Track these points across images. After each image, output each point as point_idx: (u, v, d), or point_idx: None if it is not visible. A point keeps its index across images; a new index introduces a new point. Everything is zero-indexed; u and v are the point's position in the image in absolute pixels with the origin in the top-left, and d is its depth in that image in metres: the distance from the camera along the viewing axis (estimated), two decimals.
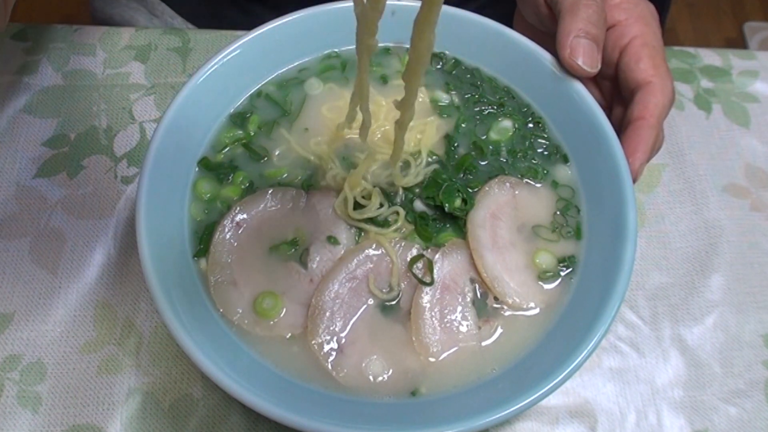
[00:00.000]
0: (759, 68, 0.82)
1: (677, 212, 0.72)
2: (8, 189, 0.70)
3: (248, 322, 0.52)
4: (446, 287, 0.54)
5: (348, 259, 0.54)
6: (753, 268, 0.70)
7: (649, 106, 0.56)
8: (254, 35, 0.60)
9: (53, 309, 0.64)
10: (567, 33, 0.56)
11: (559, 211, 0.58)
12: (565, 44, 0.56)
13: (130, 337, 0.63)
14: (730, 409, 0.62)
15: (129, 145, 0.73)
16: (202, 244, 0.55)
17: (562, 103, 0.60)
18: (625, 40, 0.59)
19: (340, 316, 0.52)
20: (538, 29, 0.65)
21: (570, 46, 0.56)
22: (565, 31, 0.56)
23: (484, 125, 0.62)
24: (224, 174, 0.58)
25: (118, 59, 0.78)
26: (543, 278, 0.55)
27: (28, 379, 0.61)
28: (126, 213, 0.69)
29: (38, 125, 0.74)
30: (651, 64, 0.57)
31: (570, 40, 0.56)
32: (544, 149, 0.61)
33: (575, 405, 0.62)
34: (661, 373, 0.64)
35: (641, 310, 0.67)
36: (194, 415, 0.60)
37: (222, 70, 0.58)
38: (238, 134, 0.61)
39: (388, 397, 0.50)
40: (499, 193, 0.58)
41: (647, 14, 0.60)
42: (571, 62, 0.56)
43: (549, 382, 0.46)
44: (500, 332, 0.53)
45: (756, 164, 0.76)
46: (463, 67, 0.65)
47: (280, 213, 0.57)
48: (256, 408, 0.45)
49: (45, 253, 0.67)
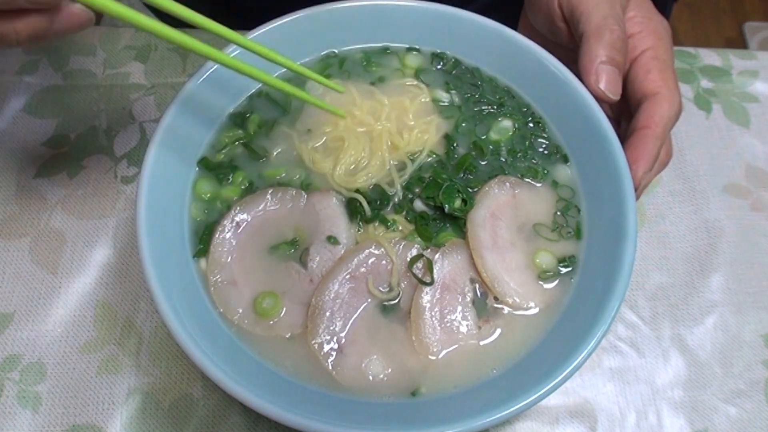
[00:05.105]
0: (759, 68, 0.82)
1: (677, 212, 0.72)
2: (8, 189, 0.70)
3: (248, 322, 0.52)
4: (446, 287, 0.54)
5: (348, 259, 0.54)
6: (753, 268, 0.70)
7: (654, 116, 0.56)
8: (254, 35, 0.60)
9: (53, 309, 0.64)
10: (593, 59, 0.56)
11: (560, 211, 0.58)
12: (590, 70, 0.56)
13: (130, 337, 0.63)
14: (730, 409, 0.62)
15: (129, 145, 0.73)
16: (201, 244, 0.55)
17: (562, 103, 0.60)
18: (636, 52, 0.59)
19: (340, 316, 0.52)
20: (546, 37, 0.65)
21: (596, 72, 0.56)
22: (591, 57, 0.56)
23: (484, 125, 0.62)
24: (224, 174, 0.58)
25: (118, 59, 0.79)
26: (543, 278, 0.55)
27: (28, 379, 0.61)
28: (126, 213, 0.69)
29: (38, 125, 0.74)
30: (660, 77, 0.57)
31: (596, 67, 0.56)
32: (544, 149, 0.61)
33: (575, 405, 0.62)
34: (661, 373, 0.64)
35: (641, 310, 0.67)
36: (194, 415, 0.60)
37: (222, 70, 0.58)
38: (239, 133, 0.61)
39: (387, 396, 0.50)
40: (499, 193, 0.58)
41: (660, 29, 0.61)
42: (596, 88, 0.56)
43: (549, 382, 0.46)
44: (500, 332, 0.53)
45: (756, 164, 0.76)
46: (464, 66, 0.65)
47: (280, 213, 0.57)
48: (256, 408, 0.45)
49: (45, 253, 0.67)
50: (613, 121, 0.60)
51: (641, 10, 0.61)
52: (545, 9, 0.62)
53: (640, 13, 0.61)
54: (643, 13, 0.61)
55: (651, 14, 0.61)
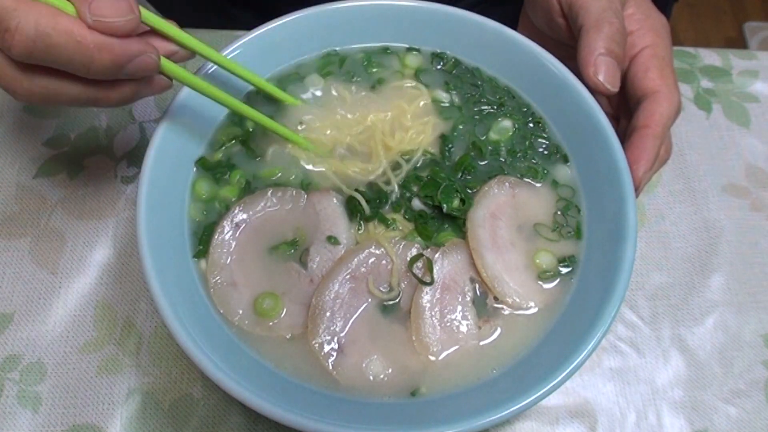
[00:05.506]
0: (759, 68, 0.82)
1: (677, 212, 0.72)
2: (8, 189, 0.70)
3: (248, 323, 0.52)
4: (446, 287, 0.54)
5: (348, 259, 0.54)
6: (753, 268, 0.70)
7: (654, 115, 0.56)
8: (254, 35, 0.60)
9: (53, 309, 0.64)
10: (591, 50, 0.56)
11: (560, 210, 0.58)
12: (589, 62, 0.56)
13: (130, 337, 0.63)
14: (730, 409, 0.62)
15: (129, 145, 0.73)
16: (201, 245, 0.55)
17: (562, 103, 0.60)
18: (636, 50, 0.59)
19: (340, 316, 0.52)
20: (546, 34, 0.65)
21: (594, 64, 0.56)
22: (590, 49, 0.56)
23: (484, 125, 0.62)
24: (221, 173, 0.58)
25: None
26: (543, 278, 0.55)
27: (28, 379, 0.61)
28: (126, 213, 0.69)
29: (38, 125, 0.74)
30: (659, 74, 0.57)
31: (594, 58, 0.56)
32: (544, 149, 0.61)
33: (575, 405, 0.62)
34: (661, 373, 0.64)
35: (641, 310, 0.67)
36: (194, 415, 0.60)
37: (222, 69, 0.58)
38: (236, 131, 0.61)
39: (388, 397, 0.50)
40: (498, 193, 0.58)
41: (659, 26, 0.60)
42: (595, 80, 0.56)
43: (549, 382, 0.46)
44: (500, 332, 0.53)
45: (756, 164, 0.76)
46: (464, 66, 0.65)
47: (280, 213, 0.57)
48: (256, 408, 0.45)
49: (45, 253, 0.67)
50: (612, 118, 0.60)
51: (640, 8, 0.61)
52: (544, 5, 0.62)
53: (639, 11, 0.60)
54: (642, 10, 0.61)
55: (650, 11, 0.61)
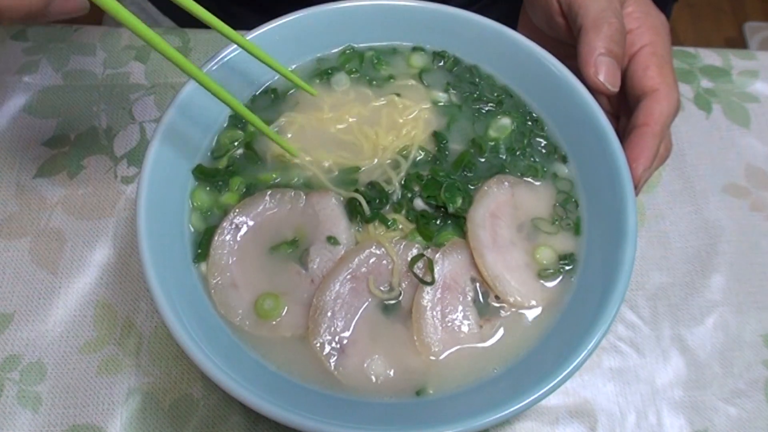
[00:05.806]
0: (759, 68, 0.82)
1: (677, 212, 0.72)
2: (8, 189, 0.70)
3: (249, 324, 0.52)
4: (447, 287, 0.54)
5: (348, 259, 0.54)
6: (753, 268, 0.70)
7: (653, 114, 0.56)
8: (254, 35, 0.60)
9: (53, 309, 0.64)
10: (591, 50, 0.56)
11: (559, 203, 0.58)
12: (589, 62, 0.56)
13: (130, 337, 0.63)
14: (730, 409, 0.62)
15: (129, 145, 0.73)
16: (201, 247, 0.55)
17: (561, 103, 0.60)
18: (635, 48, 0.59)
19: (341, 316, 0.52)
20: (545, 34, 0.65)
21: (595, 64, 0.56)
22: (590, 48, 0.56)
23: (482, 122, 0.62)
24: (221, 180, 0.58)
25: (118, 59, 0.78)
26: (544, 276, 0.55)
27: (28, 379, 0.61)
28: (126, 213, 0.69)
29: (38, 125, 0.74)
30: (658, 73, 0.57)
31: (594, 58, 0.56)
32: (542, 148, 0.61)
33: (575, 405, 0.62)
34: (661, 373, 0.64)
35: (641, 310, 0.67)
36: (194, 415, 0.60)
37: (222, 69, 0.58)
38: (239, 134, 0.60)
39: (389, 397, 0.50)
40: (498, 193, 0.58)
41: (658, 24, 0.60)
42: (595, 80, 0.56)
43: (549, 382, 0.46)
44: (501, 331, 0.53)
45: (756, 164, 0.76)
46: (463, 65, 0.65)
47: (280, 214, 0.57)
48: (256, 408, 0.45)
49: (45, 253, 0.67)
50: (612, 116, 0.60)
51: (639, 6, 0.61)
52: (544, 4, 0.62)
53: (638, 9, 0.60)
54: (641, 8, 0.61)
55: (649, 10, 0.61)
